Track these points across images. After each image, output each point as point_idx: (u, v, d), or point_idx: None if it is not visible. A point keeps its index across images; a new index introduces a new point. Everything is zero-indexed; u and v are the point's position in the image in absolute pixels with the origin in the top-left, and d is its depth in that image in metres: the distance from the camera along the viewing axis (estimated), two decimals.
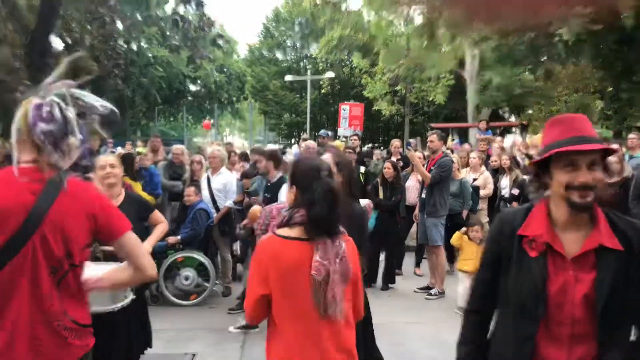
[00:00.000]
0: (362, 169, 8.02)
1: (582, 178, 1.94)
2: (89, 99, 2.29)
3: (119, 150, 11.97)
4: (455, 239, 6.93)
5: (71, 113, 2.18)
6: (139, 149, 10.81)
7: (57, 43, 13.07)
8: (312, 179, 2.37)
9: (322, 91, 33.00)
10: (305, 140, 9.96)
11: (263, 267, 2.33)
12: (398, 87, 25.03)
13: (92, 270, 3.04)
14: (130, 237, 2.33)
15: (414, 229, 8.57)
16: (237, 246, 8.04)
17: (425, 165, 7.44)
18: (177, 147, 8.93)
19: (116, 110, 2.40)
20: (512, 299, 2.07)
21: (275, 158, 6.41)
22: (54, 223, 2.11)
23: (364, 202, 4.73)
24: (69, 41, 15.41)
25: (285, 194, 5.98)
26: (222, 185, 7.52)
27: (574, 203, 1.96)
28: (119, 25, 12.74)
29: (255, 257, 2.38)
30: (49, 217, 2.10)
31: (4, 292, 2.09)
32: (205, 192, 7.44)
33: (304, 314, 2.31)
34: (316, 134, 27.82)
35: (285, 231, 2.37)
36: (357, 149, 9.82)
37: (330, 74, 29.01)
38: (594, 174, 1.95)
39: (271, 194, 6.00)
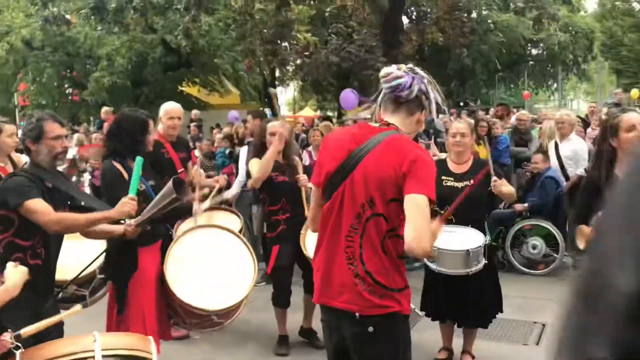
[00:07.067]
0: None
1: None
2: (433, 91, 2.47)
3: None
4: None
5: (420, 84, 2.41)
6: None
7: (403, 19, 13.95)
8: None
9: None
10: None
11: None
12: None
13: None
14: (411, 201, 2.22)
15: None
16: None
17: None
18: (522, 113, 8.74)
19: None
20: None
21: None
22: (364, 170, 2.33)
23: None
24: (413, 17, 16.32)
25: None
26: (572, 153, 7.06)
27: None
28: None
29: None
30: (361, 165, 2.34)
31: (324, 220, 2.45)
32: (553, 160, 7.09)
33: None
34: None
35: None
36: None
37: None
38: None
39: None
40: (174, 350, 4.57)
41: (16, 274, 2.16)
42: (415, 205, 2.23)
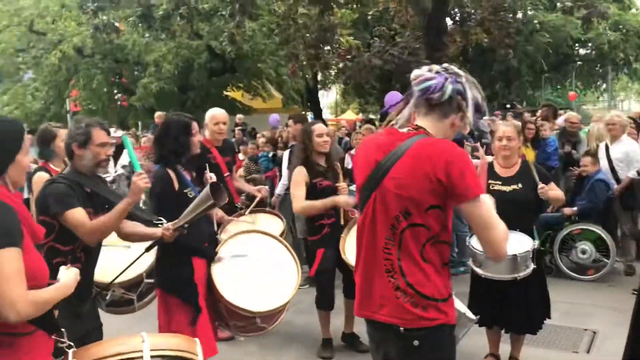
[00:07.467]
0: None
1: None
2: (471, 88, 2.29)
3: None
4: None
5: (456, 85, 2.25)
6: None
7: (447, 21, 13.78)
8: None
9: None
10: None
11: None
12: None
13: None
14: (476, 206, 2.16)
15: None
16: None
17: None
18: (572, 115, 8.55)
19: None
20: None
21: None
22: (394, 180, 2.22)
23: None
24: (457, 18, 16.08)
25: None
26: (623, 155, 6.85)
27: None
28: None
29: None
30: (389, 176, 2.23)
31: (359, 233, 2.37)
32: (603, 162, 6.90)
33: None
34: None
35: None
36: None
37: None
38: None
39: None
40: (219, 351, 4.63)
41: (69, 274, 2.24)
42: (478, 209, 2.18)
